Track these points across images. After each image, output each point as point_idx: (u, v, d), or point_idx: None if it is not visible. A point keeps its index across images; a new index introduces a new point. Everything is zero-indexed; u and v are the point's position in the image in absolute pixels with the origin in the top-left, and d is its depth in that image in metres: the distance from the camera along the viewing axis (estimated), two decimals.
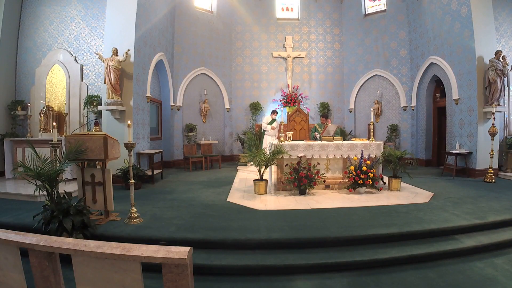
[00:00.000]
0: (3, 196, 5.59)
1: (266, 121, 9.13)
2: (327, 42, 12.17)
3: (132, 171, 4.41)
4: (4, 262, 2.01)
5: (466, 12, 7.58)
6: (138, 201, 5.11)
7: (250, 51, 11.95)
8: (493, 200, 5.27)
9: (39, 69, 8.01)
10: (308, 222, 4.19)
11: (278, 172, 6.32)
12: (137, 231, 3.87)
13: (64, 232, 3.44)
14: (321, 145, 6.31)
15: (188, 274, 1.71)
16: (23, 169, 3.77)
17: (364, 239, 3.71)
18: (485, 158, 7.32)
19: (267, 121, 9.10)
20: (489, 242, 3.75)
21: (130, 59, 7.00)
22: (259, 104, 11.72)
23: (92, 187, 4.41)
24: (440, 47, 8.78)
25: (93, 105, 7.55)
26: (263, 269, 3.26)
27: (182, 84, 10.45)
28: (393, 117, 10.91)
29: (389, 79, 10.88)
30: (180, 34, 10.40)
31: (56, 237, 1.97)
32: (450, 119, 8.64)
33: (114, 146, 4.50)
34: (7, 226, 3.84)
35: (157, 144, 9.37)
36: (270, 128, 8.90)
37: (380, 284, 3.00)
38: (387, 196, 5.75)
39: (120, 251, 1.74)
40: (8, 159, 7.14)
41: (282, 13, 12.27)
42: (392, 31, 10.76)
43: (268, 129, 8.93)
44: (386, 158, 6.29)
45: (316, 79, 12.14)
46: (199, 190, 6.35)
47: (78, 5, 8.08)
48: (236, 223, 4.18)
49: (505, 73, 7.35)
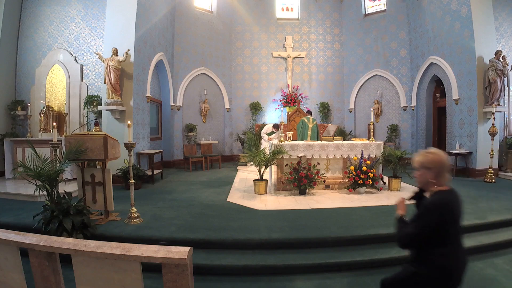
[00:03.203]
0: (3, 196, 5.58)
1: (265, 131, 9.15)
2: (327, 42, 12.17)
3: (132, 171, 4.41)
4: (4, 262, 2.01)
5: (466, 12, 7.58)
6: (138, 201, 5.11)
7: (250, 51, 11.95)
8: (493, 200, 5.27)
9: (39, 69, 8.01)
10: (308, 222, 4.19)
11: (278, 172, 6.32)
12: (137, 231, 3.87)
13: (64, 232, 3.44)
14: (321, 145, 6.31)
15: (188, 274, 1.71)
16: (23, 169, 3.76)
17: (364, 239, 3.71)
18: (485, 158, 7.32)
19: (266, 131, 9.11)
20: (489, 242, 3.76)
21: (130, 59, 7.00)
22: (259, 104, 11.72)
23: (92, 187, 4.41)
24: (440, 47, 8.78)
25: (93, 105, 7.55)
26: (263, 269, 3.26)
27: (182, 84, 10.45)
28: (393, 117, 10.90)
29: (389, 79, 10.88)
30: (180, 34, 10.40)
31: (56, 237, 1.97)
32: (450, 119, 8.64)
33: (114, 146, 4.50)
34: (7, 226, 3.84)
35: (157, 144, 9.36)
36: (267, 138, 8.96)
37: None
38: (387, 196, 5.75)
39: (120, 251, 1.74)
40: (8, 159, 7.14)
41: (282, 13, 12.28)
42: (392, 31, 10.76)
43: (265, 138, 9.01)
44: (386, 158, 6.29)
45: (316, 79, 12.14)
46: (199, 190, 6.35)
47: (78, 5, 8.08)
48: (236, 223, 4.18)
49: (505, 73, 7.35)
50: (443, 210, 1.85)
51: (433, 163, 1.93)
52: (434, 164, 1.92)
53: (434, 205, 1.87)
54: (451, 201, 1.91)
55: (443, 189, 1.94)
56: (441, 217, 1.83)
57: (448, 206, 1.88)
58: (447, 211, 1.86)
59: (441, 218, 1.83)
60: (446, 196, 1.92)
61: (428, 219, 1.85)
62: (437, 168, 1.92)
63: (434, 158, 1.93)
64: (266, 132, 9.13)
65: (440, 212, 1.84)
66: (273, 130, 9.09)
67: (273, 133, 9.04)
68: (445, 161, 1.94)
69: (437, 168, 1.92)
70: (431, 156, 1.94)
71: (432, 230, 1.84)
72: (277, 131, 8.96)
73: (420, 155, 1.98)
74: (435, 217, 1.83)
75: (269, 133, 9.07)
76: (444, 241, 1.86)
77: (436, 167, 1.92)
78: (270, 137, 8.83)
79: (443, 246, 1.87)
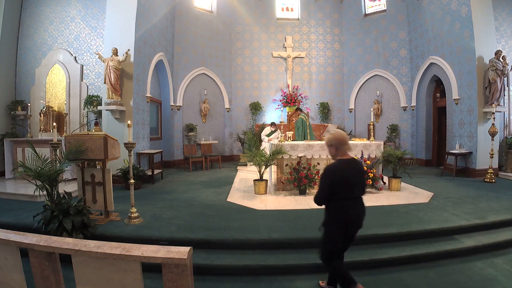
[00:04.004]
0: (3, 196, 5.59)
1: (265, 132, 9.31)
2: (327, 42, 12.17)
3: (132, 171, 4.41)
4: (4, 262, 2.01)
5: (466, 12, 7.57)
6: (138, 201, 5.11)
7: (250, 51, 11.95)
8: (493, 200, 5.27)
9: (39, 69, 8.01)
10: (308, 222, 4.19)
11: (278, 172, 6.32)
12: (137, 231, 3.87)
13: (64, 232, 3.44)
14: (321, 145, 6.31)
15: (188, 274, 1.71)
16: (23, 169, 3.76)
17: (364, 239, 3.70)
18: (485, 158, 7.32)
19: (265, 133, 9.27)
20: (489, 242, 3.75)
21: (130, 59, 7.00)
22: (259, 104, 11.72)
23: (92, 187, 4.41)
24: (440, 47, 8.78)
25: (93, 105, 7.55)
26: (263, 269, 3.26)
27: (182, 84, 10.45)
28: (393, 117, 10.90)
29: (389, 79, 10.88)
30: (180, 34, 10.40)
31: (56, 237, 1.97)
32: (450, 119, 8.64)
33: (114, 146, 4.50)
34: (7, 226, 3.84)
35: (157, 144, 9.37)
36: (267, 140, 9.06)
37: (380, 284, 3.00)
38: (387, 196, 5.75)
39: (120, 251, 1.74)
40: (8, 159, 7.14)
41: (282, 13, 12.28)
42: (392, 31, 10.76)
43: (265, 140, 9.13)
44: (386, 158, 6.29)
45: (316, 79, 12.14)
46: (199, 190, 6.35)
47: (78, 5, 8.08)
48: (236, 223, 4.18)
49: (505, 73, 7.35)
50: (332, 173, 2.51)
51: (333, 140, 2.59)
52: (333, 142, 2.58)
53: (326, 171, 2.56)
54: (340, 167, 2.52)
55: (343, 158, 2.58)
56: (330, 178, 2.50)
57: (337, 171, 2.51)
58: (335, 174, 2.50)
59: (331, 179, 2.49)
60: (338, 163, 2.56)
61: (322, 181, 2.56)
62: (336, 144, 2.57)
63: (333, 137, 2.59)
64: (265, 134, 9.22)
65: (329, 175, 2.52)
66: (271, 129, 9.14)
67: (272, 132, 9.08)
68: (341, 138, 2.57)
69: (336, 144, 2.57)
70: (331, 136, 2.61)
71: (327, 189, 2.49)
72: (275, 128, 9.11)
73: (325, 137, 2.69)
74: (326, 179, 2.52)
75: (268, 133, 9.12)
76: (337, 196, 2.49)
77: (335, 143, 2.58)
78: (270, 138, 8.87)
79: (337, 200, 2.50)
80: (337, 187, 2.46)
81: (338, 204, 2.50)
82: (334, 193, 2.47)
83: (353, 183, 2.51)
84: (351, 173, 2.51)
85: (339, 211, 2.50)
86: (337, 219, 2.51)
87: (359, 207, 2.58)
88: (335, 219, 2.53)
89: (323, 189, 2.51)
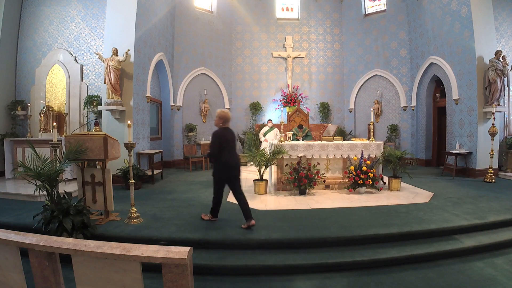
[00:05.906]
0: (3, 196, 5.58)
1: (262, 131, 9.37)
2: (327, 42, 12.17)
3: (132, 171, 4.41)
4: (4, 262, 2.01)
5: (466, 12, 7.58)
6: (138, 201, 5.11)
7: (250, 51, 11.95)
8: (493, 200, 5.27)
9: (39, 69, 8.01)
10: (308, 222, 4.20)
11: (278, 172, 6.32)
12: (137, 231, 3.87)
13: (64, 232, 3.44)
14: (321, 145, 6.31)
15: (188, 274, 1.71)
16: (23, 169, 3.76)
17: (364, 239, 3.71)
18: (485, 158, 7.32)
19: (263, 132, 9.33)
20: (489, 242, 3.76)
21: (130, 59, 7.00)
22: (259, 104, 11.72)
23: (92, 187, 4.41)
24: (440, 47, 8.78)
25: (93, 105, 7.55)
26: (263, 269, 3.26)
27: (182, 84, 10.44)
28: (393, 117, 10.90)
29: (389, 79, 10.88)
30: (180, 34, 10.40)
31: (56, 237, 1.97)
32: (450, 119, 8.64)
33: (114, 146, 4.50)
34: (7, 226, 3.84)
35: (157, 144, 9.37)
36: (263, 139, 9.14)
37: (380, 284, 3.00)
38: (387, 196, 5.75)
39: (120, 251, 1.74)
40: (8, 159, 7.14)
41: (282, 13, 12.28)
42: (392, 31, 10.76)
43: (262, 139, 9.23)
44: (386, 158, 6.29)
45: (316, 79, 12.14)
46: (199, 190, 6.35)
47: (78, 5, 8.07)
48: (236, 223, 4.18)
49: (505, 73, 7.34)
50: (218, 136, 4.00)
51: (219, 115, 4.11)
52: (219, 116, 4.11)
53: (214, 134, 4.03)
54: (222, 132, 4.05)
55: (223, 127, 4.12)
56: (217, 139, 3.97)
57: (220, 134, 4.01)
58: (220, 136, 4.00)
59: (218, 140, 3.97)
60: (220, 130, 4.09)
61: (212, 141, 4.01)
62: (221, 118, 4.10)
63: (223, 115, 4.10)
64: (263, 132, 9.25)
65: (217, 136, 3.99)
66: (268, 126, 9.19)
67: (269, 130, 9.10)
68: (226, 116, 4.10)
69: (221, 118, 4.10)
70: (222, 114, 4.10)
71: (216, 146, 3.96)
72: (271, 125, 9.24)
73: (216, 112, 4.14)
74: (215, 139, 3.99)
75: (266, 131, 9.15)
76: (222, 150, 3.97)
77: (220, 117, 4.10)
78: (266, 139, 8.95)
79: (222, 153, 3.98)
80: (222, 144, 3.96)
81: (224, 156, 3.98)
82: (221, 148, 3.95)
83: (231, 141, 4.12)
84: (229, 136, 4.12)
85: (225, 161, 4.00)
86: (224, 165, 4.03)
87: (236, 157, 4.20)
88: (223, 165, 4.03)
89: (214, 146, 3.96)
